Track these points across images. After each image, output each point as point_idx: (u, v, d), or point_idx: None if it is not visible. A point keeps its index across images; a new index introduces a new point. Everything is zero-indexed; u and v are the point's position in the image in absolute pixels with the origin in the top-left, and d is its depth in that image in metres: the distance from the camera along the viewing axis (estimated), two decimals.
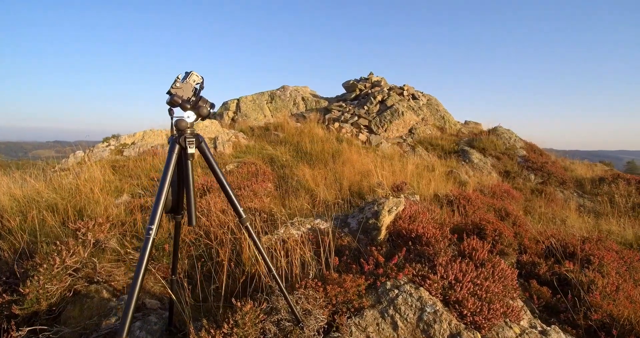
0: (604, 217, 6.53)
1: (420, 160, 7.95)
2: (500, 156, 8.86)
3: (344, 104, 10.46)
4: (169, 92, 1.52)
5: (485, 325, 2.19)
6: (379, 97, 10.02)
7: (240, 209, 1.72)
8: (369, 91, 10.83)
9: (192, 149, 1.56)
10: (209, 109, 1.60)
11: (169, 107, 1.53)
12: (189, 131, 1.55)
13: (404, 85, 10.87)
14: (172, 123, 1.55)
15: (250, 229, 1.76)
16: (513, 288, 2.63)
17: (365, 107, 9.83)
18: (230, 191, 1.70)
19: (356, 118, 9.34)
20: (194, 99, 1.54)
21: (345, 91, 12.09)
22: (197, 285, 2.45)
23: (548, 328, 2.39)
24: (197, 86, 1.57)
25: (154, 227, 1.39)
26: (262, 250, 1.81)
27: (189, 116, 1.55)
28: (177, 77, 1.53)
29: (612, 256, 3.70)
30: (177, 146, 1.53)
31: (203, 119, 1.63)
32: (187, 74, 1.54)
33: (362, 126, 9.22)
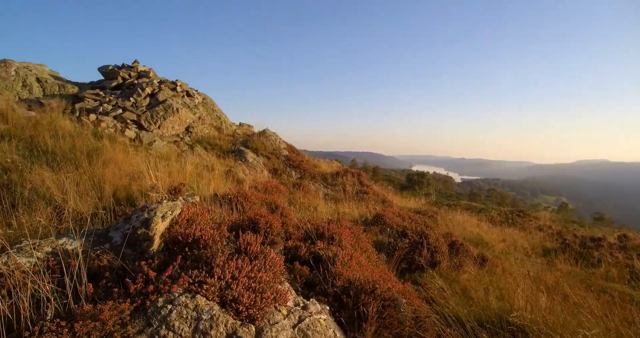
0: (340, 202, 8.65)
1: (199, 160, 7.75)
2: (269, 156, 10.00)
3: (102, 93, 8.61)
4: None
5: (258, 315, 2.37)
6: (149, 90, 8.92)
7: None
8: (136, 82, 9.44)
9: None
10: None
11: None
12: None
13: (177, 80, 10.19)
14: None
15: None
16: (281, 273, 3.01)
17: (132, 99, 8.50)
18: None
19: (120, 111, 7.91)
20: None
21: (103, 78, 9.97)
22: None
23: (308, 302, 2.87)
24: None
25: None
26: None
27: None
28: None
29: (347, 232, 4.92)
30: None
31: None
32: None
33: (129, 121, 7.92)
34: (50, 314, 1.89)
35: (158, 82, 9.41)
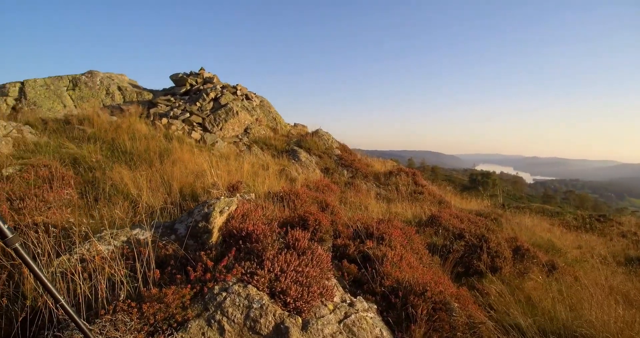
0: (393, 202, 8.47)
1: (256, 159, 8.16)
2: (322, 155, 10.15)
3: (172, 99, 9.53)
4: None
5: (305, 308, 2.46)
6: (212, 95, 9.66)
7: (5, 227, 1.30)
8: (201, 87, 10.29)
9: None
10: None
11: None
12: None
13: (237, 85, 10.89)
14: None
15: (22, 251, 1.37)
16: (328, 269, 3.06)
17: (198, 104, 9.28)
18: None
19: (188, 115, 8.69)
20: None
21: (174, 85, 11.04)
22: None
23: (355, 299, 2.89)
24: None
25: None
26: (43, 277, 1.44)
27: None
28: None
29: (398, 232, 4.82)
30: None
31: None
32: None
33: (195, 124, 8.67)
34: (122, 295, 2.17)
35: (221, 88, 10.14)
